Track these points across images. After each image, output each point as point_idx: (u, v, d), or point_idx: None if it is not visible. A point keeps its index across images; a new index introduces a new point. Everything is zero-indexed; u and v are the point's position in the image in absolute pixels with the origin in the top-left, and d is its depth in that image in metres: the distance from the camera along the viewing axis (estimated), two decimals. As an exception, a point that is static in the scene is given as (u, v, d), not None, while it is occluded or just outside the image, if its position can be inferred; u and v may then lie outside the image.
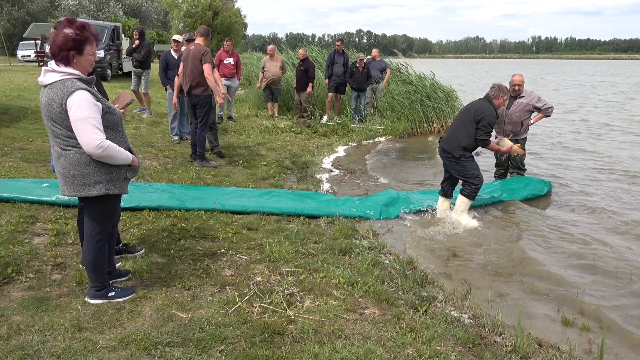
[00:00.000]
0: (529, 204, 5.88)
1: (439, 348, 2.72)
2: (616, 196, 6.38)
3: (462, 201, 5.20)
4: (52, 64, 2.66)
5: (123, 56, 18.05)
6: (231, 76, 10.12)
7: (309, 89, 10.62)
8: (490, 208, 5.72)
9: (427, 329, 2.89)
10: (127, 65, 18.45)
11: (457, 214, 5.21)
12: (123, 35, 20.68)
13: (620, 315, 3.49)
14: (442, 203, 5.40)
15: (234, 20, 36.00)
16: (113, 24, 19.17)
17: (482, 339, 2.96)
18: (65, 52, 2.63)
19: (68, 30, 2.64)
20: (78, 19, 2.81)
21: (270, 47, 11.02)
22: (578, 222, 5.39)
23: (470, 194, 5.15)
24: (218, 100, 6.52)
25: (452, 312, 3.24)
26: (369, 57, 11.29)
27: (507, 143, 5.37)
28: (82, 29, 2.66)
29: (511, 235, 4.95)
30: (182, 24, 34.62)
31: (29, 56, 27.09)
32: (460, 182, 5.34)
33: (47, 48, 14.46)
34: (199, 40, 6.44)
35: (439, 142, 5.32)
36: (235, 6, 38.29)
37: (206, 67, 6.23)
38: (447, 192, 5.37)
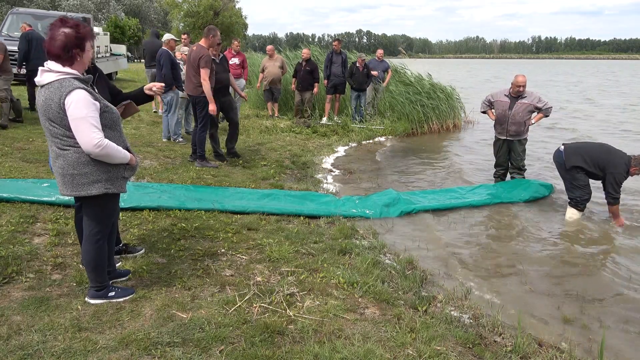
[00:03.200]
0: (530, 206, 5.88)
1: (439, 348, 2.72)
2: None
3: (571, 213, 5.43)
4: (48, 64, 2.65)
5: (98, 54, 15.98)
6: (237, 76, 10.07)
7: (315, 90, 10.60)
8: (490, 209, 5.73)
9: (427, 329, 2.89)
10: (103, 67, 15.94)
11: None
12: (101, 30, 18.08)
13: (620, 314, 3.50)
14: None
15: (234, 20, 35.93)
16: (81, 15, 16.56)
17: (482, 339, 2.96)
18: (72, 52, 2.62)
19: (68, 30, 2.62)
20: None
21: (269, 47, 11.01)
22: (578, 223, 5.38)
23: (577, 204, 5.37)
24: (211, 106, 6.29)
25: (452, 312, 3.24)
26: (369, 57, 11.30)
27: (620, 214, 5.32)
28: (77, 27, 2.66)
29: (512, 236, 4.96)
30: (182, 24, 34.58)
31: None
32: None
33: None
34: (201, 42, 6.34)
35: (563, 144, 5.57)
36: (237, 7, 38.24)
37: (202, 72, 6.12)
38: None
